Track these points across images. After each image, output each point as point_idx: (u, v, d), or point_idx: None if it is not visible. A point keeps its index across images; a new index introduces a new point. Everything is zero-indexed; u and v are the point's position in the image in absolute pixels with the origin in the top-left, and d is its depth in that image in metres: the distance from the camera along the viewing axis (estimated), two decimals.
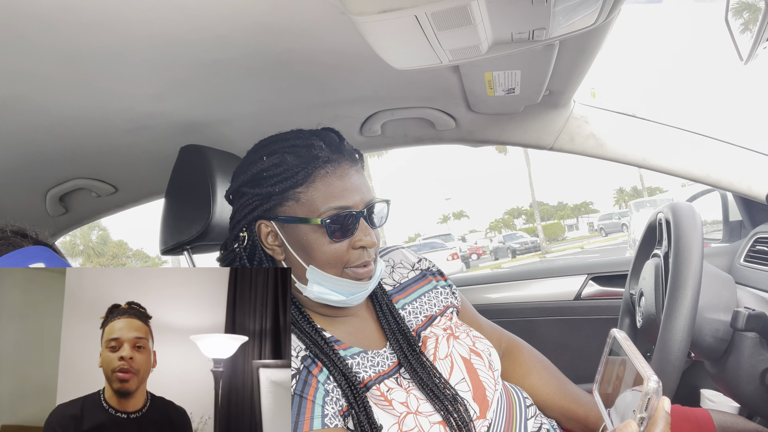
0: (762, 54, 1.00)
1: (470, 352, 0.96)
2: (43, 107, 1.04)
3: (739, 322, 0.93)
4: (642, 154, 1.44)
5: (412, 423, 0.81)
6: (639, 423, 0.62)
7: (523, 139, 1.55)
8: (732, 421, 1.08)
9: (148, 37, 0.85)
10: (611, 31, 1.01)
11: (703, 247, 0.95)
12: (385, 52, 0.89)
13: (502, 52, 0.89)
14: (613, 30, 1.01)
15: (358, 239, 0.87)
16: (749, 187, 1.39)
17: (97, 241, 41.17)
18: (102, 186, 1.61)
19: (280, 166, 0.86)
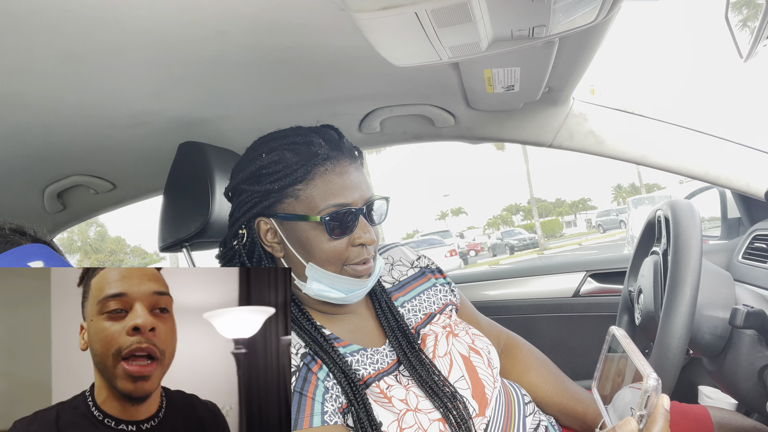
0: (762, 51, 1.00)
1: (469, 350, 0.96)
2: (40, 104, 1.04)
3: (737, 319, 0.94)
4: (641, 151, 1.44)
5: (412, 420, 0.81)
6: (638, 420, 0.63)
7: (523, 136, 1.55)
8: (730, 417, 1.08)
9: (145, 34, 0.84)
10: (611, 28, 1.01)
11: (702, 245, 0.95)
12: (385, 49, 0.89)
13: (502, 49, 0.89)
14: (612, 27, 1.01)
15: (357, 236, 0.87)
16: (748, 184, 1.39)
17: (95, 237, 41.09)
18: (100, 183, 1.60)
19: (280, 164, 0.86)
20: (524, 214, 66.10)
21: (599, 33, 1.02)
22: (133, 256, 45.56)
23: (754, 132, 1.40)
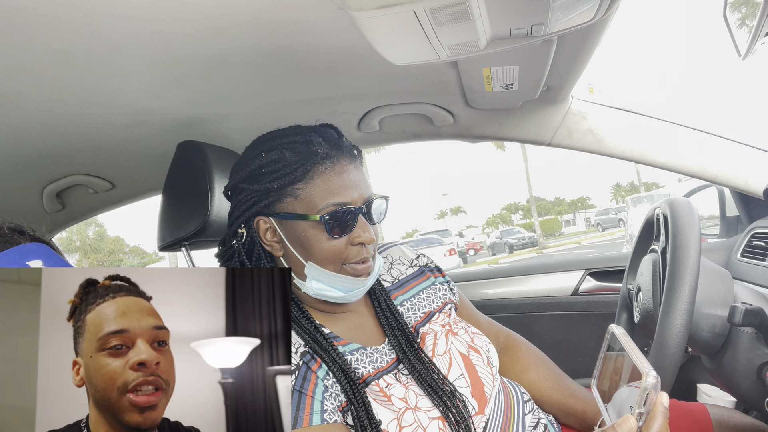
0: (760, 49, 1.00)
1: (468, 349, 0.96)
2: (39, 103, 1.04)
3: (736, 317, 0.94)
4: (640, 149, 1.44)
5: (411, 418, 0.81)
6: (637, 418, 0.63)
7: (521, 134, 1.55)
8: (729, 415, 1.09)
9: (144, 33, 0.84)
10: (609, 26, 1.01)
11: (700, 243, 0.95)
12: (383, 48, 0.89)
13: (501, 47, 0.89)
14: (611, 25, 1.01)
15: (356, 236, 0.87)
16: (746, 183, 1.39)
17: (94, 237, 41.05)
18: (99, 182, 1.60)
19: (279, 162, 0.86)
20: (523, 213, 66.14)
21: (597, 31, 1.02)
22: (132, 256, 45.53)
23: (752, 130, 1.40)
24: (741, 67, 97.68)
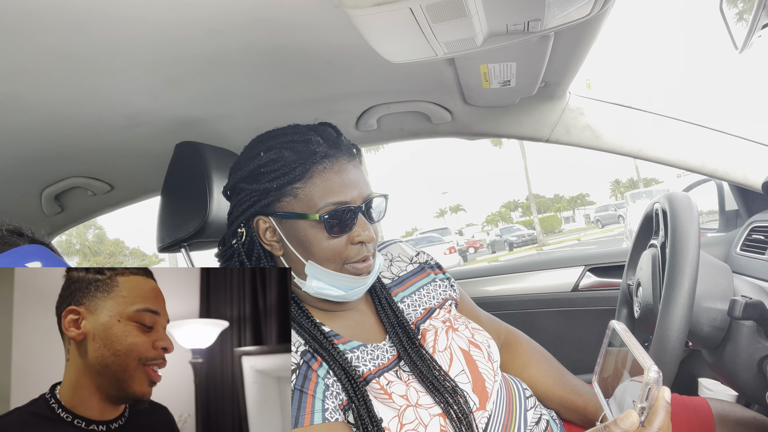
0: (757, 43, 1.00)
1: (469, 344, 0.96)
2: (36, 105, 1.04)
3: (736, 310, 0.94)
4: (638, 144, 1.44)
5: (412, 416, 0.81)
6: (639, 413, 0.63)
7: (520, 131, 1.55)
8: (730, 409, 1.09)
9: (140, 33, 0.84)
10: (606, 21, 1.01)
11: (700, 236, 0.95)
12: (380, 46, 0.89)
13: (498, 44, 0.89)
14: (608, 20, 1.01)
15: (356, 234, 0.87)
16: (745, 176, 1.39)
17: (94, 240, 41.02)
18: (97, 184, 1.60)
19: (278, 162, 0.86)
20: (523, 211, 66.15)
21: (594, 27, 1.02)
22: (132, 258, 45.50)
23: (750, 124, 1.40)
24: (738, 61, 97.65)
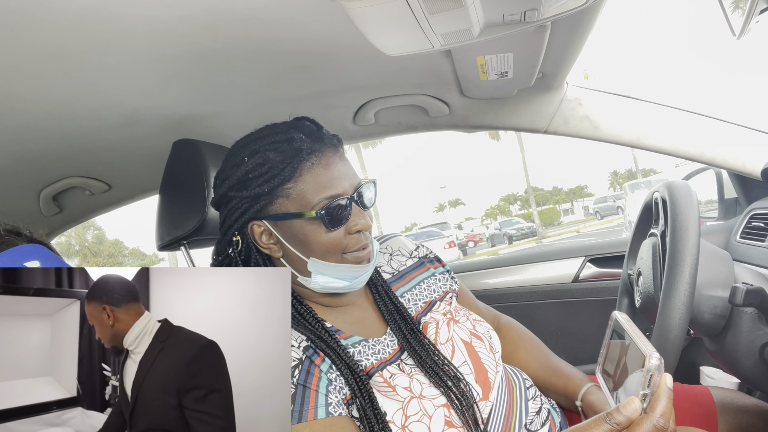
0: (754, 29, 1.00)
1: (471, 336, 0.96)
2: (32, 104, 1.03)
3: (737, 297, 0.94)
4: (636, 134, 1.44)
5: (417, 407, 0.81)
6: (642, 399, 0.63)
7: (517, 123, 1.54)
8: (731, 396, 1.09)
9: (134, 30, 0.84)
10: (603, 10, 1.00)
11: (700, 224, 0.95)
12: (376, 39, 0.88)
13: (495, 34, 0.89)
14: (604, 9, 1.00)
15: (353, 224, 0.87)
16: (744, 164, 1.39)
17: (93, 241, 40.95)
18: (95, 184, 1.60)
19: (265, 165, 0.85)
20: (522, 204, 66.11)
21: (591, 16, 1.01)
22: (131, 258, 45.46)
23: (748, 111, 1.40)
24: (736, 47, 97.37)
